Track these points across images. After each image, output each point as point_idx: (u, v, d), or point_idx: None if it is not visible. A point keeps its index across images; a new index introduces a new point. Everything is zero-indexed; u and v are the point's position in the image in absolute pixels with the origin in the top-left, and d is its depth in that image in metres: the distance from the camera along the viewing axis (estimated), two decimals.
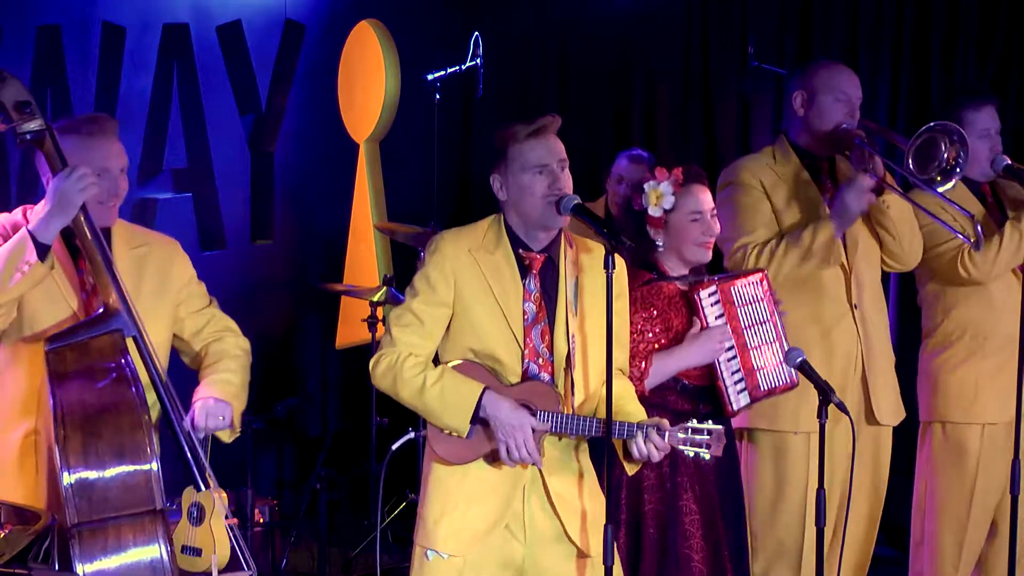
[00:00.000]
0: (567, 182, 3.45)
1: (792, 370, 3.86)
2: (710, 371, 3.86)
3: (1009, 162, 4.39)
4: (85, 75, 6.49)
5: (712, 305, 3.85)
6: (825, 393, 3.53)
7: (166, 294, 3.74)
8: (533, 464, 3.39)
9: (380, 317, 5.86)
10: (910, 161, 4.09)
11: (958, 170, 4.10)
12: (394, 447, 5.03)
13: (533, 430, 3.36)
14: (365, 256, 6.93)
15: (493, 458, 3.42)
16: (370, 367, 3.49)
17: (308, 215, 7.10)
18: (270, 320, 7.08)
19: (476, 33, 6.15)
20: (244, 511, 5.45)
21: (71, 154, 3.54)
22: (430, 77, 6.24)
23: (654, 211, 3.85)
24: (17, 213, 3.64)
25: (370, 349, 5.72)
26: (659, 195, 3.84)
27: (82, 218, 3.47)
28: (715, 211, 3.92)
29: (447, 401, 3.39)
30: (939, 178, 4.12)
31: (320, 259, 7.09)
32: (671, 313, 3.86)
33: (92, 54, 6.54)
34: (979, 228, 4.18)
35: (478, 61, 6.13)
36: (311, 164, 7.03)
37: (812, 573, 3.93)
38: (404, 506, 5.95)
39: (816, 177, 4.30)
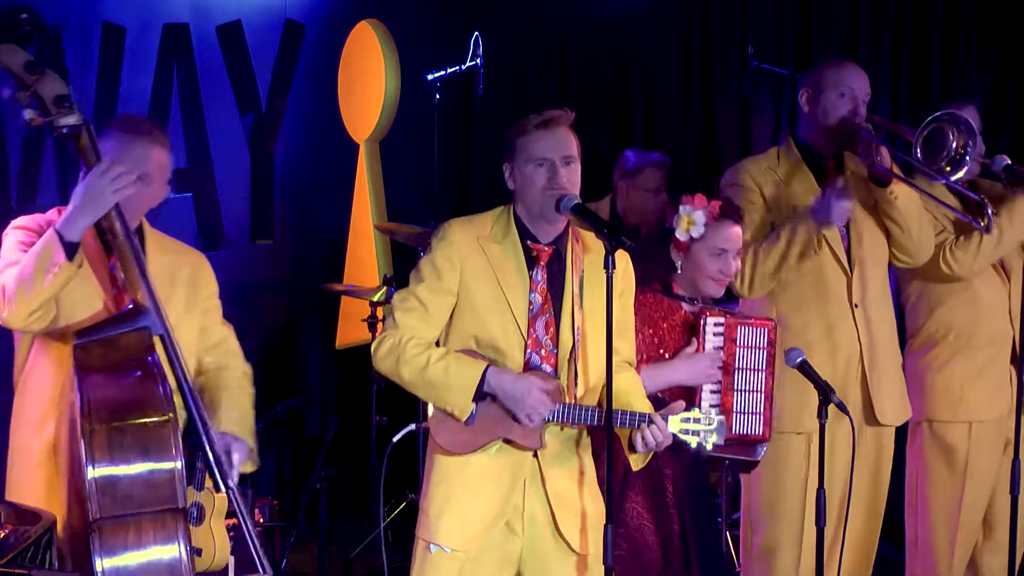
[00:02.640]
0: (569, 179, 3.44)
1: (763, 425, 3.86)
2: (690, 396, 3.84)
3: (1009, 162, 4.38)
4: (85, 75, 6.49)
5: (715, 335, 3.85)
6: (825, 393, 3.54)
7: (195, 304, 3.76)
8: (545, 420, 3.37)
9: (380, 317, 5.86)
10: (918, 151, 4.08)
11: (967, 159, 4.10)
12: (395, 439, 5.03)
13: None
14: (365, 256, 6.92)
15: (495, 449, 3.42)
16: (372, 350, 3.48)
17: (308, 215, 7.10)
18: (270, 320, 7.07)
19: (476, 33, 6.15)
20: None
21: (112, 152, 3.53)
22: (430, 77, 6.23)
23: (681, 235, 3.84)
24: (52, 213, 3.62)
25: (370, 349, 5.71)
26: (691, 221, 3.83)
27: (113, 214, 3.44)
28: (739, 251, 3.91)
29: (451, 378, 3.37)
30: (948, 168, 4.12)
31: (320, 259, 7.09)
32: (669, 336, 3.85)
33: (92, 54, 6.54)
34: (990, 211, 4.17)
35: (478, 61, 6.12)
36: (311, 164, 7.03)
37: (812, 573, 3.93)
38: (404, 506, 5.95)
39: (820, 178, 4.29)
